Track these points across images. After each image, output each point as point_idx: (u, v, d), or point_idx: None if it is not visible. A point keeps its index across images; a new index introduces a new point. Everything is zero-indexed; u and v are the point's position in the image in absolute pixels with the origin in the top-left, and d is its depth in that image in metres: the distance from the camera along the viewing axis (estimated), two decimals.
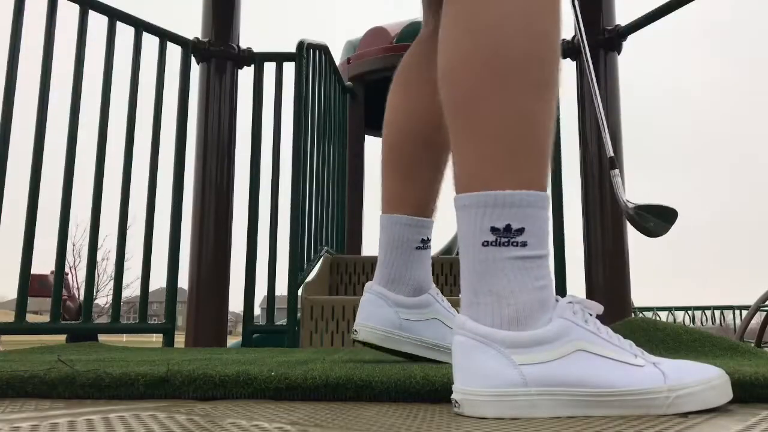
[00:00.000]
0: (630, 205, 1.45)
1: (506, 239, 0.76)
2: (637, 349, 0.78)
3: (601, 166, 2.71)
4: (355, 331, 1.23)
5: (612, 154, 1.56)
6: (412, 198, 1.24)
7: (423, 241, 1.24)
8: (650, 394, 0.72)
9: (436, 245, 6.22)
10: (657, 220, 1.38)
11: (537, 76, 0.79)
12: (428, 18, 1.27)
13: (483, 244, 0.77)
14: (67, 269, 2.19)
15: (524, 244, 0.76)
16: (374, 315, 1.23)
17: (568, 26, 2.93)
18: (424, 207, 1.25)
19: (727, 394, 0.76)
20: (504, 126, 0.78)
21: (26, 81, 2.21)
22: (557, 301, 0.78)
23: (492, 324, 0.75)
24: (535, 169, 0.78)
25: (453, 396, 0.75)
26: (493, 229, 0.76)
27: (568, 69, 2.85)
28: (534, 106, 0.79)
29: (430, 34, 1.24)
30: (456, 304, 2.66)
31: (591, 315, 0.79)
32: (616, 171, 1.54)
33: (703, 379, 0.75)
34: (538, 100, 0.79)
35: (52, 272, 2.75)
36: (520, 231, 0.76)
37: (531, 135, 0.79)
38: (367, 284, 1.27)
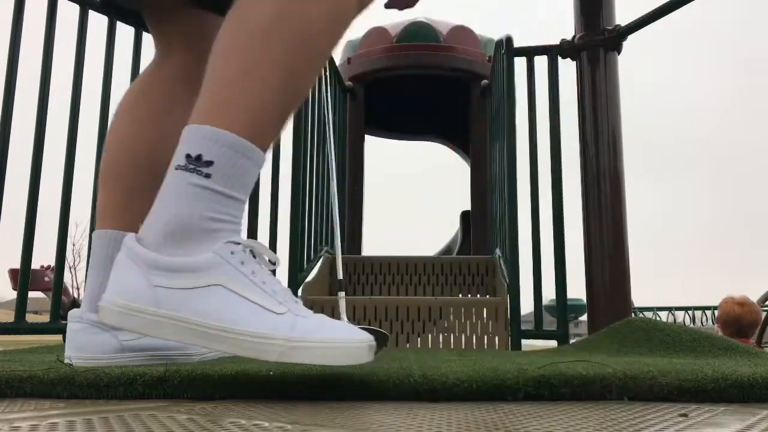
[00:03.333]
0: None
1: (192, 166, 0.81)
2: (291, 301, 0.82)
3: (598, 166, 2.71)
4: (69, 363, 1.06)
5: (341, 277, 1.70)
6: (126, 220, 1.15)
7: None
8: (265, 339, 0.77)
9: (436, 245, 6.22)
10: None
11: (286, 46, 0.86)
12: (160, 46, 1.27)
13: (176, 168, 0.83)
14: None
15: (208, 176, 0.81)
16: (90, 344, 1.10)
17: (569, 26, 2.93)
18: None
19: (355, 358, 0.80)
20: (237, 76, 0.85)
21: (26, 81, 2.21)
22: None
23: (152, 239, 0.80)
24: (252, 122, 0.84)
25: (98, 303, 0.81)
26: (187, 156, 0.82)
27: (568, 69, 2.85)
28: (274, 70, 0.86)
29: (160, 63, 1.26)
30: (453, 304, 2.66)
31: (255, 259, 0.83)
32: (342, 293, 1.69)
33: (331, 338, 0.79)
34: (281, 67, 0.86)
35: (42, 266, 2.74)
36: (209, 163, 0.81)
37: (260, 93, 0.85)
38: (73, 312, 1.14)
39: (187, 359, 1.22)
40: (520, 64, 2.79)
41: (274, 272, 0.89)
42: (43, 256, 2.25)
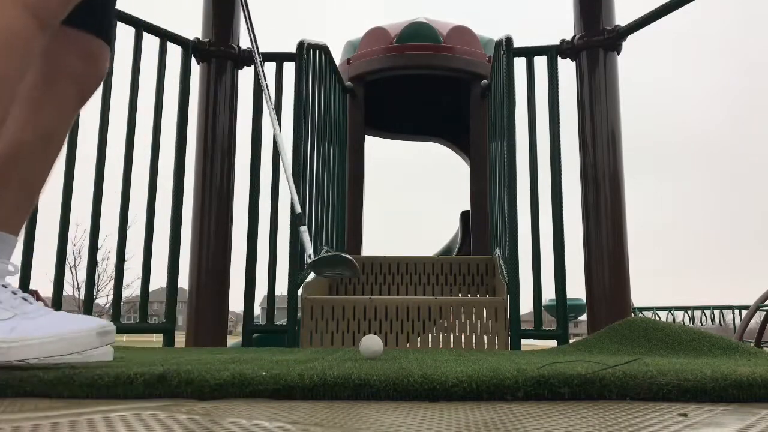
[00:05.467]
0: (310, 260, 1.49)
1: None
2: (22, 306, 0.95)
3: (598, 166, 2.71)
4: None
5: (299, 211, 1.63)
6: None
7: None
8: None
9: (436, 246, 6.22)
10: (329, 268, 1.44)
11: None
12: None
13: None
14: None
15: None
16: None
17: (568, 26, 2.93)
18: None
19: (79, 346, 0.94)
20: None
21: None
22: None
23: None
24: None
25: None
26: None
27: (568, 69, 2.85)
28: None
29: None
30: (456, 304, 2.65)
31: None
32: (304, 227, 1.60)
33: (54, 333, 0.92)
34: None
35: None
36: None
37: None
38: None
39: None
40: (519, 64, 2.80)
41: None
42: (44, 256, 2.26)
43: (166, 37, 2.64)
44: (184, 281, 2.79)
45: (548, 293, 2.60)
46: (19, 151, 1.22)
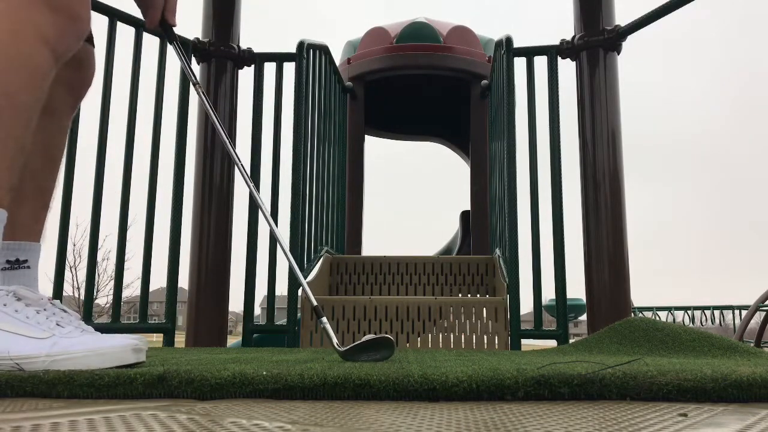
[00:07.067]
0: (341, 349, 1.36)
1: None
2: (57, 329, 1.02)
3: (598, 166, 2.71)
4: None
5: (315, 304, 1.53)
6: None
7: (8, 261, 1.22)
8: (29, 359, 0.98)
9: (436, 246, 6.22)
10: (371, 352, 1.32)
11: None
12: None
13: None
14: None
15: None
16: None
17: (567, 26, 2.93)
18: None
19: (118, 360, 1.00)
20: None
21: None
22: None
23: None
24: None
25: None
26: None
27: (568, 69, 2.85)
28: None
29: None
30: (456, 304, 2.65)
31: (20, 301, 1.03)
32: (324, 319, 1.51)
33: (92, 348, 0.99)
34: None
35: None
36: None
37: None
38: None
39: None
40: (519, 64, 2.80)
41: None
42: (43, 255, 2.26)
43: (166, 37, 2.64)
44: (184, 281, 2.79)
45: (548, 293, 2.60)
46: (27, 165, 1.24)
